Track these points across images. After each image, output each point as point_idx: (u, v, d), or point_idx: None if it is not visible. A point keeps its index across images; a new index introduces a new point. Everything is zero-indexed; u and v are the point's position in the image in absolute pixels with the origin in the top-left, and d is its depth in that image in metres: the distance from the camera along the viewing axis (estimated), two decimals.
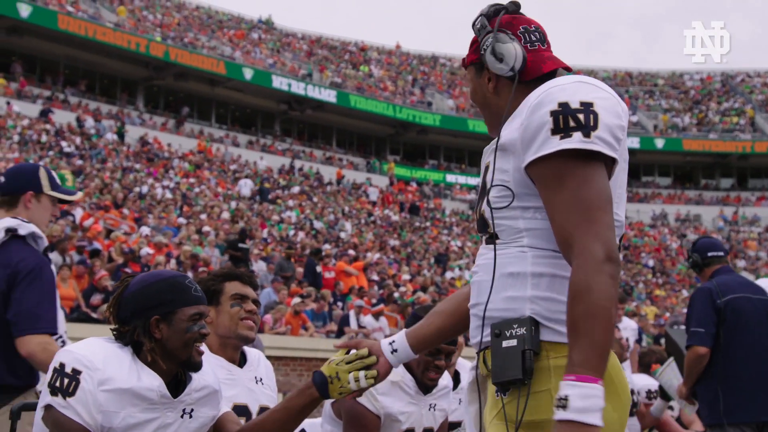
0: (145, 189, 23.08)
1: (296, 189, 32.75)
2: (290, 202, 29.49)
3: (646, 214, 45.09)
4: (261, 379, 3.08)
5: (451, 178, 46.51)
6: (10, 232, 3.27)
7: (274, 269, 16.30)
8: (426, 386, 3.37)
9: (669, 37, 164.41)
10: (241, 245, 16.75)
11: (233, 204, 25.28)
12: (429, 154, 48.66)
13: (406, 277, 21.07)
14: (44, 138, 25.61)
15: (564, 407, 1.70)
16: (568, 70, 2.16)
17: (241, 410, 2.92)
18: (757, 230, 43.12)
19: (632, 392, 5.64)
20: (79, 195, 3.90)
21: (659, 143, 46.07)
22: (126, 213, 18.25)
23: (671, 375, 5.10)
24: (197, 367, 2.53)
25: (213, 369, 2.73)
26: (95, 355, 2.36)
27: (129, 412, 2.36)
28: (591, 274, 1.77)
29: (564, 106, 1.89)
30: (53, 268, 3.44)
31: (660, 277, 35.40)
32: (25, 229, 3.30)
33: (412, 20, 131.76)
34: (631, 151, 46.29)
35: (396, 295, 17.63)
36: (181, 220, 19.68)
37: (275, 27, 49.48)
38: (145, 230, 16.37)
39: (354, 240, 25.25)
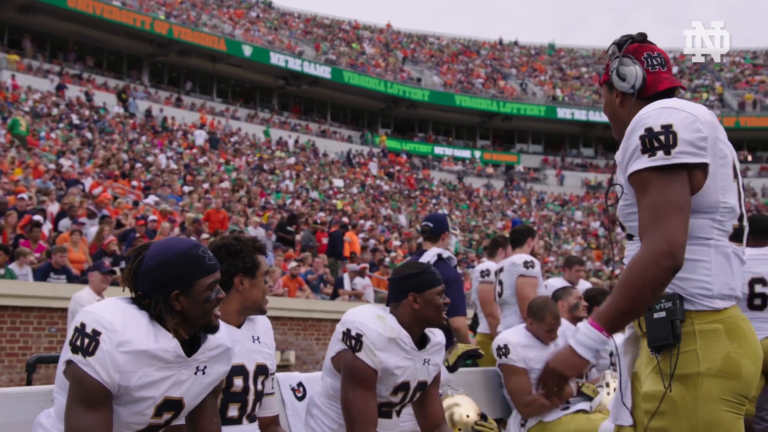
0: (150, 159, 22.95)
1: (292, 160, 32.66)
2: (287, 173, 29.39)
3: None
4: (258, 338, 3.08)
5: (439, 150, 46.44)
6: (439, 255, 5.21)
7: (302, 242, 16.76)
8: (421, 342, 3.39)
9: (639, 20, 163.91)
10: (289, 228, 17.06)
11: (233, 174, 25.19)
12: (418, 127, 48.52)
13: (396, 243, 21.10)
14: (55, 111, 25.42)
15: (573, 337, 2.20)
16: (683, 88, 2.60)
17: (237, 370, 2.93)
18: None
19: (611, 353, 5.64)
20: (459, 235, 5.31)
21: None
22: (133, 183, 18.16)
23: None
24: (216, 329, 2.53)
25: (226, 327, 2.72)
26: (115, 317, 2.34)
27: (145, 371, 2.36)
28: (647, 263, 2.15)
29: (649, 130, 2.23)
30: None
31: None
32: (446, 254, 5.26)
33: (402, 0, 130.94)
34: (608, 125, 46.32)
35: (387, 260, 17.68)
36: (185, 189, 19.60)
37: (273, 6, 49.04)
38: (151, 198, 16.30)
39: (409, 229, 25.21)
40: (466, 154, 46.90)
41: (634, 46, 2.50)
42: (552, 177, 45.85)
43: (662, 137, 2.21)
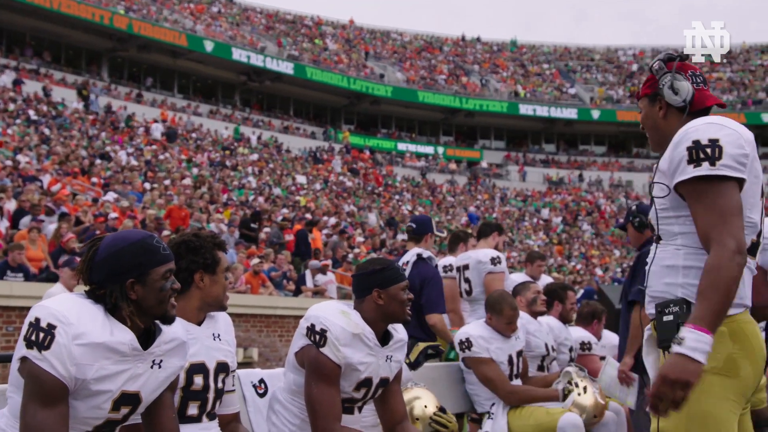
0: (110, 155, 22.66)
1: (255, 156, 32.48)
2: (249, 169, 29.21)
3: (583, 181, 45.66)
4: (219, 335, 3.06)
5: (402, 146, 46.50)
6: (419, 255, 5.52)
7: (269, 237, 16.86)
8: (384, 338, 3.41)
9: (600, 17, 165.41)
10: (252, 225, 17.29)
11: (195, 171, 24.97)
12: (381, 123, 48.54)
13: (360, 239, 21.09)
14: (11, 106, 24.99)
15: (680, 344, 2.21)
16: (723, 105, 2.73)
17: (198, 368, 2.92)
18: None
19: (570, 348, 5.71)
20: (444, 234, 5.59)
21: (595, 114, 46.53)
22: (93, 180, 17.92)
23: (611, 371, 5.07)
24: (172, 319, 2.54)
25: (182, 323, 2.71)
26: (70, 310, 2.33)
27: (102, 364, 2.35)
28: (723, 260, 2.27)
29: (696, 142, 2.39)
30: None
31: (595, 238, 35.93)
32: (426, 254, 5.56)
33: None
34: (569, 122, 47.19)
35: (350, 256, 17.67)
36: (146, 186, 19.39)
37: (234, 1, 48.66)
38: (110, 195, 16.11)
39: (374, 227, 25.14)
40: (429, 150, 47.04)
41: (679, 64, 2.66)
42: (514, 173, 46.14)
43: (708, 150, 2.36)
